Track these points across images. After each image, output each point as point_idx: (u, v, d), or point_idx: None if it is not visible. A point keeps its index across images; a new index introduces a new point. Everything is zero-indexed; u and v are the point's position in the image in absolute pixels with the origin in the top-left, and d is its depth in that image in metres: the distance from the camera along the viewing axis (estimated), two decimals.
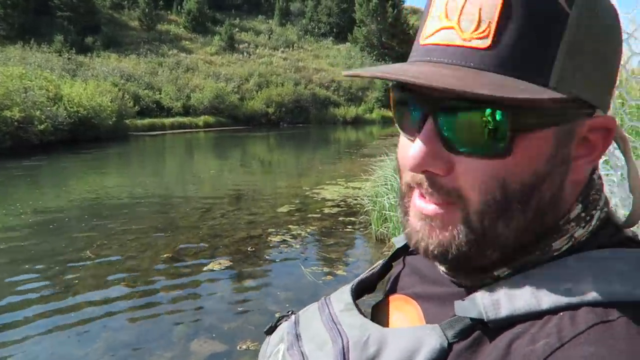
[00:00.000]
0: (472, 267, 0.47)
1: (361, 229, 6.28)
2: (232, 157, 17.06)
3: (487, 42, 0.40)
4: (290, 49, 49.72)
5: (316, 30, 55.70)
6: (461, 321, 0.44)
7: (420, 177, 0.45)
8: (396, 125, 0.49)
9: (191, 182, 11.41)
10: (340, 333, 0.50)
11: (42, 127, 17.66)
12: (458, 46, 0.41)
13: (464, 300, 0.44)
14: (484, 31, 0.40)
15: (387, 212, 5.61)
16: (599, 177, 0.48)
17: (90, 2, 41.19)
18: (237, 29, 49.24)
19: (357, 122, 39.07)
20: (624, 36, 0.52)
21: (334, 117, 39.17)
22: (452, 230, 0.44)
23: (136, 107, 27.93)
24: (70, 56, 33.48)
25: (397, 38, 50.55)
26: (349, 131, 32.13)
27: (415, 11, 64.15)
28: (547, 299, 0.40)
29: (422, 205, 0.46)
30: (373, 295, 0.65)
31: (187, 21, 47.44)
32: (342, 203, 7.93)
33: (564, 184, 0.44)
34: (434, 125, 0.43)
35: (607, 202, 0.49)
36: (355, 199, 7.99)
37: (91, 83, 25.52)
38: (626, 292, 0.39)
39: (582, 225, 0.45)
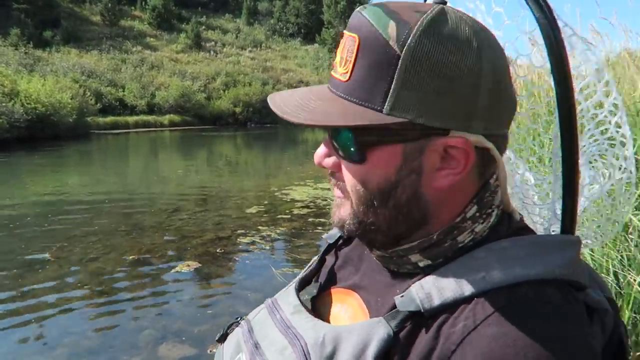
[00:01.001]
0: (377, 245, 0.59)
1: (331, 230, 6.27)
2: (199, 157, 16.80)
3: (347, 77, 0.52)
4: (258, 48, 49.45)
5: (284, 30, 55.60)
6: (401, 313, 0.51)
7: (329, 172, 0.59)
8: None
9: (156, 182, 11.15)
10: (296, 336, 0.56)
11: None
12: (335, 78, 0.54)
13: (402, 296, 0.52)
14: (346, 68, 0.52)
15: None
16: (496, 181, 0.57)
17: None
18: (203, 27, 48.59)
19: None
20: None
21: None
22: (345, 211, 0.58)
23: (98, 104, 27.24)
24: (27, 50, 32.27)
25: None
26: (317, 132, 32.16)
27: None
28: (467, 287, 0.49)
29: (335, 191, 0.60)
30: (310, 287, 0.71)
31: (151, 17, 46.50)
32: (312, 204, 7.91)
33: (420, 189, 0.53)
34: (330, 137, 0.57)
35: (503, 201, 0.58)
36: (325, 200, 8.00)
37: (50, 79, 24.69)
38: (524, 273, 0.48)
39: (480, 222, 0.55)
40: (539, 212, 0.86)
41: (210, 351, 3.29)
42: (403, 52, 0.48)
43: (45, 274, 4.72)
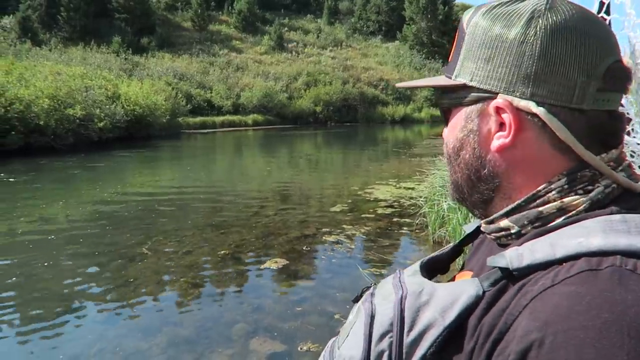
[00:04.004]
0: (475, 211, 0.66)
1: (417, 231, 6.11)
2: (281, 155, 17.18)
3: (450, 59, 0.64)
4: (339, 47, 49.65)
5: (365, 28, 55.38)
6: (494, 273, 0.53)
7: None
8: None
9: (242, 180, 11.55)
10: (402, 287, 0.61)
11: (101, 124, 18.42)
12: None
13: (495, 255, 0.55)
14: (451, 53, 0.64)
15: (446, 214, 5.42)
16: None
17: (146, 4, 42.66)
18: (286, 29, 49.66)
19: (406, 121, 38.57)
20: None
21: (382, 116, 38.84)
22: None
23: (188, 105, 28.72)
24: (127, 56, 34.81)
25: (448, 36, 49.46)
26: (397, 130, 31.73)
27: (466, 8, 62.47)
28: (560, 250, 0.49)
29: None
30: (445, 276, 0.75)
31: (237, 21, 48.32)
32: (396, 204, 7.77)
33: (478, 150, 0.60)
34: None
35: (617, 180, 0.55)
36: (409, 200, 7.82)
37: (146, 82, 26.41)
38: (628, 243, 0.46)
39: (571, 194, 0.55)
40: None
41: (301, 349, 3.30)
42: (467, 29, 0.60)
43: (144, 265, 5.02)
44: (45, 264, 5.12)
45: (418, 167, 9.19)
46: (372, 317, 0.59)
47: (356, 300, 0.73)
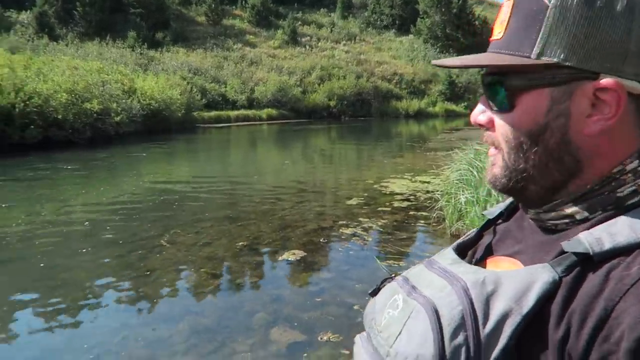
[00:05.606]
0: (532, 201, 0.61)
1: (434, 224, 6.10)
2: (296, 149, 17.21)
3: (501, 34, 0.58)
4: (352, 41, 49.41)
5: (378, 22, 55.02)
6: (567, 258, 0.52)
7: (485, 132, 0.64)
8: None
9: (258, 173, 11.61)
10: (456, 278, 0.58)
11: (118, 118, 18.59)
12: (494, 39, 0.59)
13: (569, 240, 0.53)
14: (501, 28, 0.58)
15: (464, 208, 5.40)
16: None
17: None
18: (299, 23, 49.52)
19: (420, 116, 38.34)
20: None
21: (396, 110, 38.63)
22: (497, 167, 0.62)
23: (203, 100, 28.85)
24: (142, 51, 35.01)
25: (462, 29, 48.91)
26: (411, 125, 31.56)
27: (480, 1, 61.71)
28: None
29: (489, 151, 0.65)
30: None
31: (251, 15, 48.33)
32: (412, 197, 7.75)
33: (568, 134, 0.55)
34: (485, 94, 0.61)
35: None
36: (425, 194, 7.79)
37: (162, 77, 26.56)
38: None
39: None
40: None
41: (321, 339, 3.33)
42: (551, 1, 0.53)
43: (164, 256, 5.09)
44: (69, 253, 5.22)
45: (433, 161, 9.14)
46: (436, 310, 0.55)
47: (374, 293, 0.70)
